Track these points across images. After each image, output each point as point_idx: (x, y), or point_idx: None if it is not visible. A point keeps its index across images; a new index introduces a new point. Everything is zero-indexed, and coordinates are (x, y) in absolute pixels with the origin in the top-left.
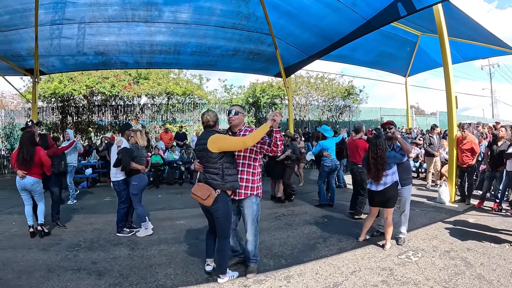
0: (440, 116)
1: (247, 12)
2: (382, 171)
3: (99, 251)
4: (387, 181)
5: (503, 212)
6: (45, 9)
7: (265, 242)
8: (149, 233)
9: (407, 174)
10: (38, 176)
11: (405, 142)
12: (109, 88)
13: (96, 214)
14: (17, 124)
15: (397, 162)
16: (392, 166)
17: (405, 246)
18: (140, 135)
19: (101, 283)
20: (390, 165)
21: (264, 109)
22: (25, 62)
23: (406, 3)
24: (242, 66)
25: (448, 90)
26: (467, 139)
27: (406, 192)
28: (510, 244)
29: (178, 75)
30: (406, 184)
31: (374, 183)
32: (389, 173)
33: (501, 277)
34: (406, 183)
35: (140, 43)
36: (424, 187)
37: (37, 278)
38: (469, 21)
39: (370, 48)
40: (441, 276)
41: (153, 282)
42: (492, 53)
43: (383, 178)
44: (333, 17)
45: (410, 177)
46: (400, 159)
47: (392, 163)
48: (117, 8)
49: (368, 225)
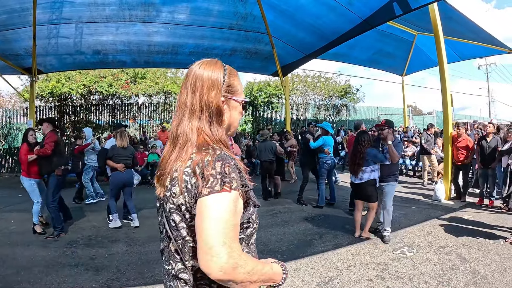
0: (437, 116)
1: (244, 12)
2: (359, 166)
3: (97, 248)
4: (364, 177)
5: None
6: (43, 9)
7: (261, 238)
8: (117, 225)
9: (390, 172)
10: (25, 175)
11: (394, 151)
12: (106, 87)
13: (94, 211)
14: (15, 124)
15: (377, 162)
16: (371, 164)
17: (400, 242)
18: (118, 135)
19: (99, 278)
20: (369, 162)
21: (261, 108)
22: (23, 61)
23: (401, 3)
24: (240, 65)
25: (444, 88)
26: (462, 137)
27: (387, 188)
28: (505, 240)
29: (176, 74)
30: (389, 181)
31: (353, 175)
32: (367, 170)
33: (496, 272)
34: (388, 180)
35: (138, 43)
36: (420, 185)
37: (35, 274)
38: (465, 21)
39: (367, 46)
40: (436, 271)
41: (150, 278)
42: (488, 52)
43: (360, 173)
44: (330, 16)
45: (395, 175)
46: (381, 159)
47: (371, 161)
48: (115, 8)
49: (358, 219)
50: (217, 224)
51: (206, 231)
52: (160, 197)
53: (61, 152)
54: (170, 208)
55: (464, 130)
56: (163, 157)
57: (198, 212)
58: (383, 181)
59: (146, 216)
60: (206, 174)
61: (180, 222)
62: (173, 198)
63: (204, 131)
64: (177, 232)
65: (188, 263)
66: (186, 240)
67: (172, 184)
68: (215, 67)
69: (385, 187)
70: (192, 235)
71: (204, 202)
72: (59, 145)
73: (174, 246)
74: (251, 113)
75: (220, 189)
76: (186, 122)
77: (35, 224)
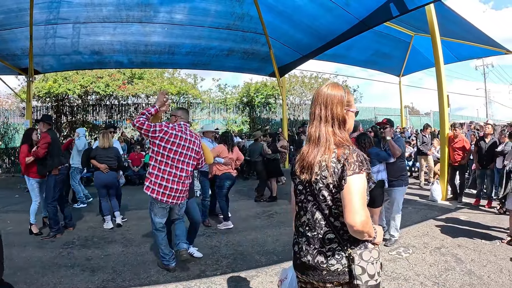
0: (434, 116)
1: (241, 12)
2: None
3: (93, 248)
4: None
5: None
6: (40, 9)
7: (257, 239)
8: (109, 226)
9: (398, 174)
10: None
11: (394, 144)
12: (103, 87)
13: (90, 212)
14: (12, 124)
15: (381, 160)
16: (377, 163)
17: (396, 243)
18: (101, 136)
19: (95, 279)
20: (373, 162)
21: (258, 109)
22: (20, 61)
23: (398, 3)
24: (237, 65)
25: (440, 89)
26: (459, 138)
27: (395, 193)
28: (501, 241)
29: (173, 75)
30: (397, 185)
31: None
32: (373, 171)
33: (491, 273)
34: (396, 184)
35: (135, 43)
36: (417, 186)
37: (32, 274)
38: (462, 21)
39: (364, 46)
40: (431, 272)
41: (146, 278)
42: (485, 53)
43: None
44: (326, 17)
45: (403, 179)
46: (384, 157)
47: (375, 160)
48: (112, 9)
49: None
50: (358, 194)
51: (353, 198)
52: (304, 181)
53: (56, 151)
54: (320, 187)
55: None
56: (303, 153)
57: (346, 187)
58: (392, 185)
59: (142, 217)
60: (349, 161)
61: (328, 195)
62: (323, 180)
63: (337, 134)
64: (325, 203)
65: (333, 224)
66: (332, 208)
67: (321, 170)
68: (339, 89)
69: (392, 192)
70: (336, 204)
71: (350, 180)
72: (54, 145)
73: (321, 214)
74: (248, 114)
75: (359, 171)
76: (323, 129)
77: (31, 224)
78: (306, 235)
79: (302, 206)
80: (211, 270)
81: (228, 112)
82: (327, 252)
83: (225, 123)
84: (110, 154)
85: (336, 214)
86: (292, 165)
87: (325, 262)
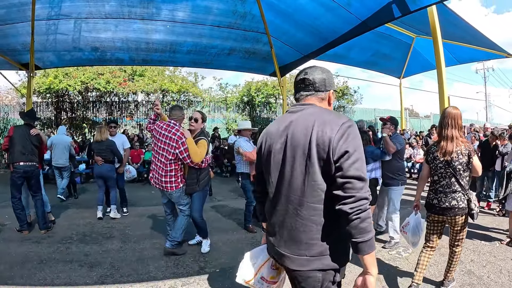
0: (434, 119)
1: (243, 11)
2: None
3: (91, 244)
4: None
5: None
6: (42, 4)
7: (257, 238)
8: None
9: (395, 173)
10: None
11: (389, 141)
12: (104, 84)
13: (89, 208)
14: (12, 119)
15: (376, 158)
16: (371, 161)
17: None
18: (97, 130)
19: (93, 275)
20: (368, 160)
21: (258, 108)
22: (21, 56)
23: (400, 4)
24: (238, 64)
25: (441, 91)
26: None
27: (390, 193)
28: (500, 242)
29: (174, 73)
30: (392, 184)
31: None
32: (367, 169)
33: (491, 273)
34: (391, 183)
35: (136, 40)
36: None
37: (29, 269)
38: (464, 24)
39: (365, 47)
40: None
41: (145, 274)
42: (486, 56)
43: None
44: (328, 17)
45: (399, 178)
46: (378, 155)
47: (370, 158)
48: (114, 4)
49: None
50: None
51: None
52: (444, 161)
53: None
54: (457, 165)
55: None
56: (442, 147)
57: (474, 160)
58: (387, 184)
59: (141, 214)
60: (470, 150)
61: (460, 170)
62: (460, 160)
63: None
64: (458, 172)
65: (461, 183)
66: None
67: (459, 155)
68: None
69: (388, 191)
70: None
71: (475, 158)
72: (15, 141)
73: (456, 179)
74: (248, 113)
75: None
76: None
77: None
78: (445, 191)
79: (441, 175)
80: (210, 267)
81: (228, 111)
82: (457, 198)
83: (225, 122)
84: (102, 147)
85: (462, 178)
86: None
87: (456, 204)
